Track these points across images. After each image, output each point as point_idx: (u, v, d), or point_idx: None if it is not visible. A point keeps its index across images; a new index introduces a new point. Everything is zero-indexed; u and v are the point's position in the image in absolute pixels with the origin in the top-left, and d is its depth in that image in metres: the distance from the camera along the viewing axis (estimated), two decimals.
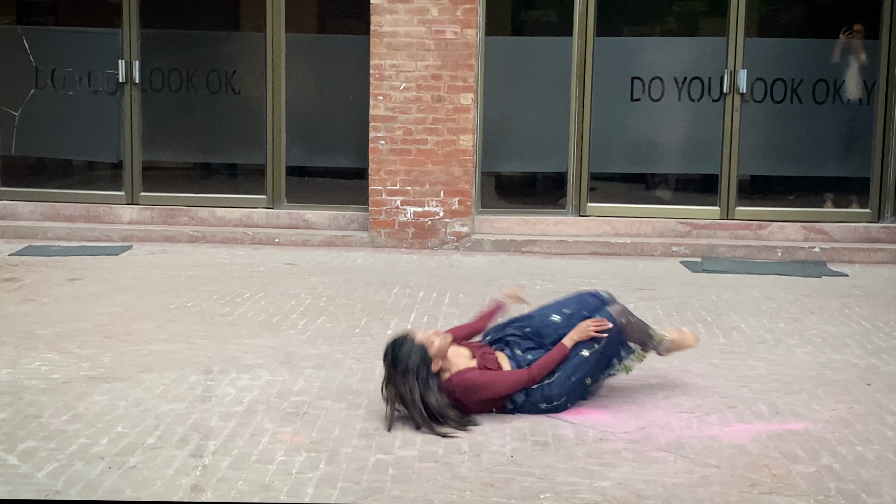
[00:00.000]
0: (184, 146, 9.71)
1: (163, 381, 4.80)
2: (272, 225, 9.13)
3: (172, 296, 6.67)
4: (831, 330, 6.09)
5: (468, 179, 8.85)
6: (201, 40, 9.51)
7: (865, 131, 8.96)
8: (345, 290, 6.99)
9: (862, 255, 8.54)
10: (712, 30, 9.51)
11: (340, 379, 4.89)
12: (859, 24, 9.00)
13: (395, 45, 8.76)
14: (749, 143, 9.01)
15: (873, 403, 4.69)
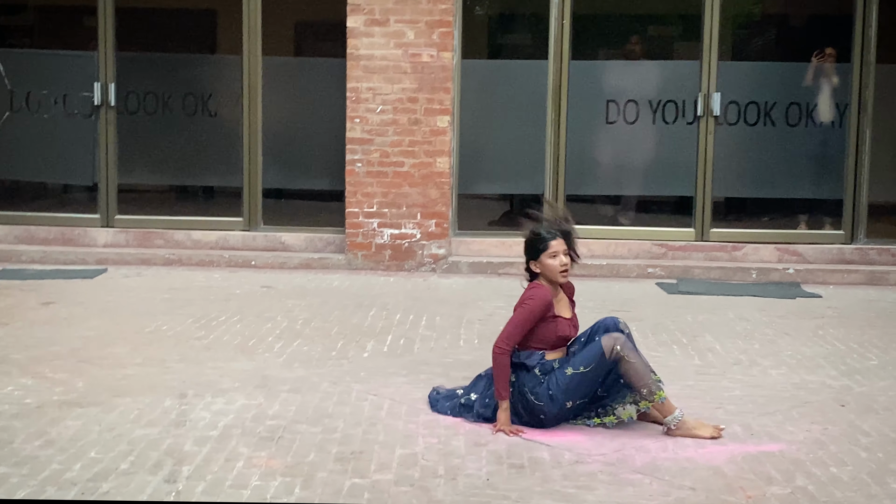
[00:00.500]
0: (159, 169, 9.69)
1: (137, 406, 4.77)
2: (248, 247, 9.11)
3: (147, 319, 6.64)
4: (805, 351, 6.13)
5: (445, 202, 8.87)
6: (177, 63, 9.51)
7: (838, 153, 9.05)
8: (321, 313, 6.98)
9: (836, 276, 8.61)
10: (686, 53, 9.60)
11: (316, 402, 4.88)
12: (831, 48, 9.11)
13: (372, 68, 8.79)
14: (723, 165, 9.08)
15: (847, 424, 4.71)
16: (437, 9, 8.71)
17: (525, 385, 4.60)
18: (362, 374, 5.42)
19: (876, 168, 8.98)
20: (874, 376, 5.57)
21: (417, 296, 7.79)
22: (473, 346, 6.18)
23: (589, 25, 9.61)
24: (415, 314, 7.04)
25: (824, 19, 10.47)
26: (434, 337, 6.37)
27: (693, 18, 9.17)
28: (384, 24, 8.76)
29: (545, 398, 4.54)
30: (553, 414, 4.55)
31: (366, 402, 4.89)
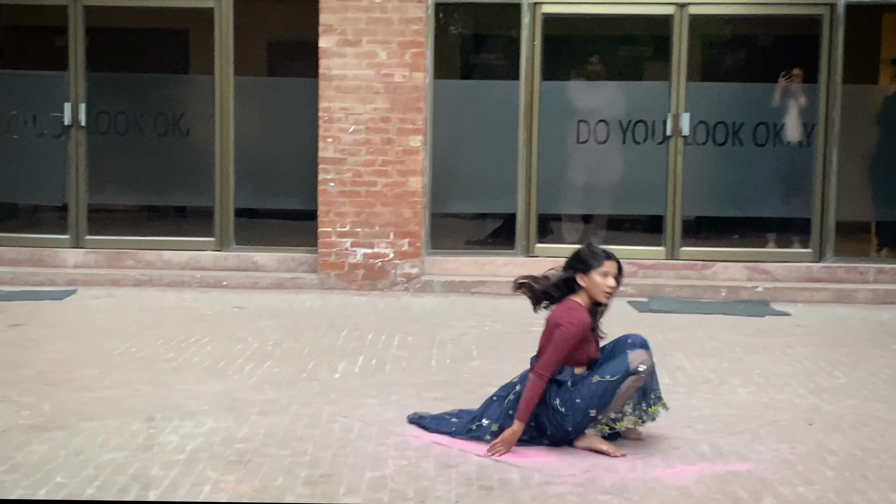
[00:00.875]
0: (130, 189, 9.65)
1: (104, 430, 4.73)
2: (220, 267, 9.07)
3: (116, 341, 6.60)
4: (774, 369, 6.18)
5: (418, 221, 8.89)
6: (149, 83, 9.50)
7: (805, 173, 9.14)
8: (293, 334, 6.96)
9: (804, 294, 8.69)
10: (655, 74, 9.70)
11: (286, 425, 4.86)
12: (798, 69, 9.22)
13: (344, 88, 8.81)
14: (693, 184, 9.15)
15: (815, 443, 4.75)
16: (409, 30, 8.75)
17: (555, 398, 4.59)
18: (333, 395, 5.41)
19: (843, 187, 9.08)
20: (841, 395, 5.62)
21: (390, 315, 7.79)
22: (445, 366, 6.18)
23: (560, 46, 9.69)
24: (387, 334, 7.04)
25: (791, 40, 10.64)
26: (406, 357, 6.37)
27: (662, 40, 9.27)
28: (356, 44, 8.79)
29: (572, 406, 4.55)
30: (577, 422, 4.55)
31: (336, 424, 4.88)
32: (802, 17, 9.33)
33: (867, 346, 6.95)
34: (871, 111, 9.35)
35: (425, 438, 4.70)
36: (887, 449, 4.66)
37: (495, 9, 9.72)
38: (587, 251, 4.74)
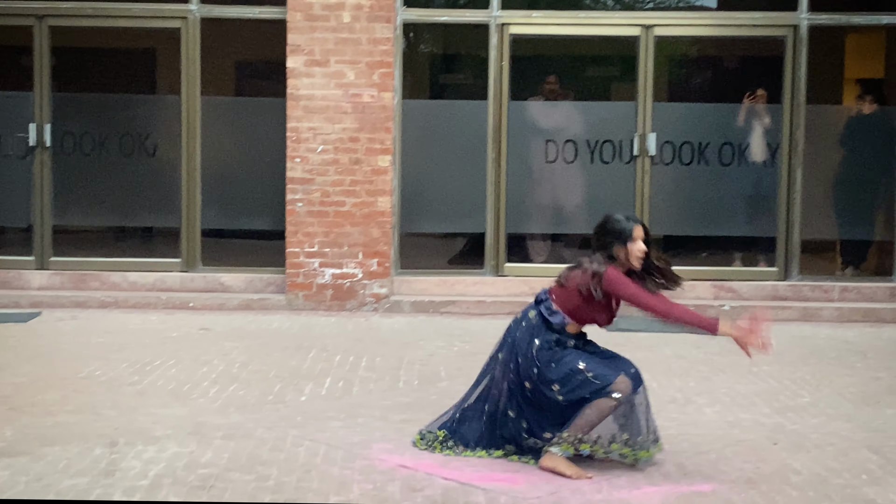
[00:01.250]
0: (96, 210, 9.57)
1: (66, 455, 4.68)
2: (187, 289, 9.01)
3: (80, 364, 6.53)
4: (740, 388, 6.21)
5: (386, 241, 8.88)
6: (115, 103, 9.44)
7: (770, 192, 9.23)
8: (259, 356, 6.92)
9: (770, 312, 8.71)
10: (622, 95, 9.78)
11: (250, 449, 4.82)
12: (762, 90, 9.31)
13: (312, 108, 8.80)
14: (659, 203, 9.21)
15: (779, 463, 4.77)
16: (377, 50, 8.77)
17: (537, 337, 4.64)
18: (299, 418, 5.38)
19: (808, 206, 9.17)
20: (806, 413, 5.66)
21: (359, 336, 7.77)
22: (413, 387, 6.17)
23: (527, 67, 9.74)
24: (355, 355, 7.01)
25: (756, 61, 10.75)
26: (374, 379, 6.35)
27: (629, 60, 9.35)
28: (324, 64, 8.79)
29: (544, 365, 4.60)
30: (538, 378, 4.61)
31: (301, 448, 4.85)
32: (766, 39, 9.43)
33: (832, 364, 7.00)
34: (835, 131, 9.45)
35: (391, 461, 4.68)
36: (851, 468, 4.69)
37: (463, 29, 9.77)
38: (617, 223, 4.69)
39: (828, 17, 9.15)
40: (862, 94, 9.74)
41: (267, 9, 9.11)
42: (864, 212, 9.50)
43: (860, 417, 5.59)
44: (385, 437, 5.04)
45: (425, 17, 9.41)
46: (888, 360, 7.17)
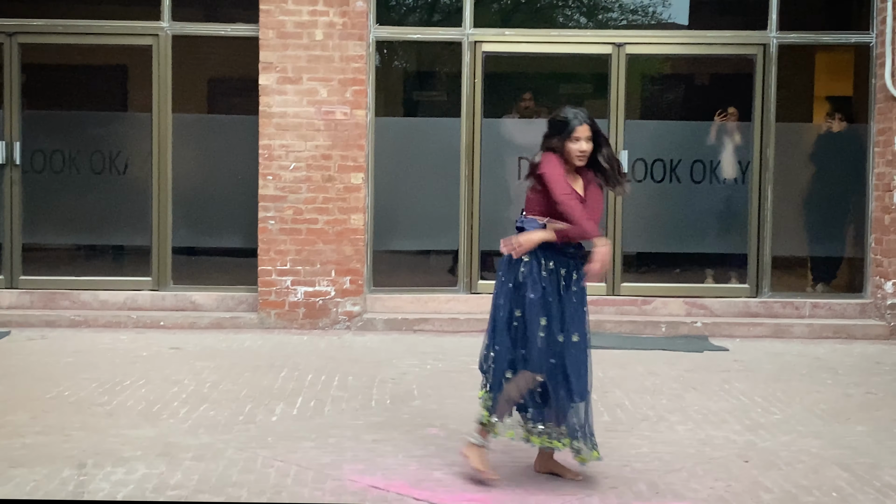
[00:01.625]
0: (66, 228, 9.50)
1: (34, 477, 4.62)
2: (157, 308, 8.95)
3: (49, 384, 6.46)
4: (711, 406, 6.23)
5: (359, 258, 8.86)
6: (85, 121, 9.39)
7: (741, 209, 9.29)
8: (230, 375, 6.87)
9: (742, 329, 8.80)
10: (594, 112, 9.71)
11: (220, 470, 4.78)
12: (733, 107, 9.39)
13: (285, 126, 8.78)
14: (632, 220, 9.25)
15: (750, 481, 4.78)
16: (349, 67, 8.77)
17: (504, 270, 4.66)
18: (270, 438, 5.34)
19: (778, 223, 9.24)
20: (777, 431, 5.67)
21: (331, 355, 7.73)
22: (385, 406, 6.14)
23: (500, 84, 9.77)
24: (327, 374, 6.98)
25: (726, 79, 10.84)
26: (346, 398, 6.32)
27: (601, 78, 9.39)
28: (297, 81, 8.78)
29: (497, 282, 4.66)
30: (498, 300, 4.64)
31: (272, 469, 4.81)
32: (736, 57, 9.51)
33: (803, 381, 7.04)
34: (805, 148, 9.54)
35: (362, 482, 4.65)
36: (821, 486, 4.71)
37: (436, 47, 9.79)
38: (560, 118, 4.65)
39: (797, 36, 9.25)
40: (831, 112, 9.84)
41: (239, 26, 9.10)
42: (834, 229, 9.58)
43: (831, 434, 5.61)
44: (356, 458, 5.01)
45: (398, 35, 9.43)
46: (859, 377, 7.21)
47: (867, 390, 6.77)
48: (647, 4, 9.97)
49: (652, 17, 10.03)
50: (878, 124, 8.99)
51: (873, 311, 9.00)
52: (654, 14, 10.02)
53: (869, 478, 4.83)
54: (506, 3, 10.26)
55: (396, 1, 10.29)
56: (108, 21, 9.16)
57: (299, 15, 8.74)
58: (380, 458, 5.00)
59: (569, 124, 4.60)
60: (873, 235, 9.05)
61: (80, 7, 9.69)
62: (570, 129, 4.59)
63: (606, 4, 10.09)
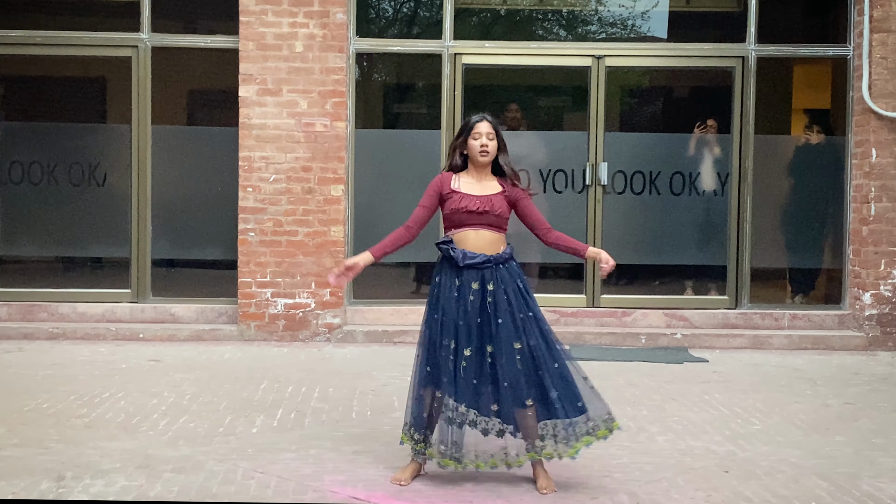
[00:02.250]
0: (44, 240, 9.43)
1: (11, 490, 4.58)
2: (137, 320, 8.91)
3: (26, 397, 6.40)
4: (691, 416, 6.24)
5: None
6: (64, 132, 9.33)
7: (721, 221, 9.33)
8: (210, 387, 6.84)
9: (721, 340, 8.83)
10: (574, 124, 9.86)
11: (200, 482, 4.75)
12: (712, 120, 9.45)
13: (265, 138, 8.77)
14: (612, 232, 9.28)
15: (730, 491, 4.79)
16: (329, 79, 8.77)
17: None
18: (250, 450, 5.31)
19: (757, 235, 9.29)
20: (757, 441, 5.69)
21: (311, 367, 7.71)
22: (366, 418, 6.12)
23: (480, 96, 9.80)
24: (307, 386, 6.95)
25: (705, 92, 10.91)
26: (326, 409, 6.30)
27: (580, 90, 9.44)
28: (277, 93, 8.77)
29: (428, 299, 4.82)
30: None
31: (252, 481, 4.79)
32: (715, 70, 9.57)
33: (782, 392, 7.07)
34: (784, 160, 9.60)
35: (343, 493, 4.63)
36: (801, 496, 4.72)
37: (416, 59, 9.80)
38: (466, 120, 4.90)
39: (775, 49, 9.33)
40: (810, 124, 9.92)
41: (219, 38, 9.09)
42: (813, 240, 9.63)
43: (810, 445, 5.63)
44: (337, 469, 4.99)
45: (378, 47, 9.44)
46: (837, 388, 7.25)
47: (846, 401, 6.81)
48: (627, 17, 10.03)
49: (631, 30, 10.09)
50: (856, 136, 9.06)
51: (852, 322, 9.06)
52: (634, 27, 10.08)
53: (848, 487, 4.85)
54: (486, 16, 10.29)
55: (376, 13, 10.31)
56: (88, 32, 9.12)
57: (279, 27, 8.74)
58: (360, 469, 4.99)
59: (470, 121, 4.84)
60: (851, 247, 9.12)
61: (59, 18, 9.65)
62: (471, 126, 4.81)
63: (586, 17, 10.14)
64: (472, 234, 4.75)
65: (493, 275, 4.70)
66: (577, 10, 10.12)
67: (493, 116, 4.85)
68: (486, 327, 4.66)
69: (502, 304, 4.66)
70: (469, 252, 4.72)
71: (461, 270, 4.70)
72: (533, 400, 4.64)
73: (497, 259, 4.72)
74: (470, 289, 4.68)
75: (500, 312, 4.65)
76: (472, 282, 4.69)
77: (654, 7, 9.97)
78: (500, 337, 4.62)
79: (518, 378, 4.61)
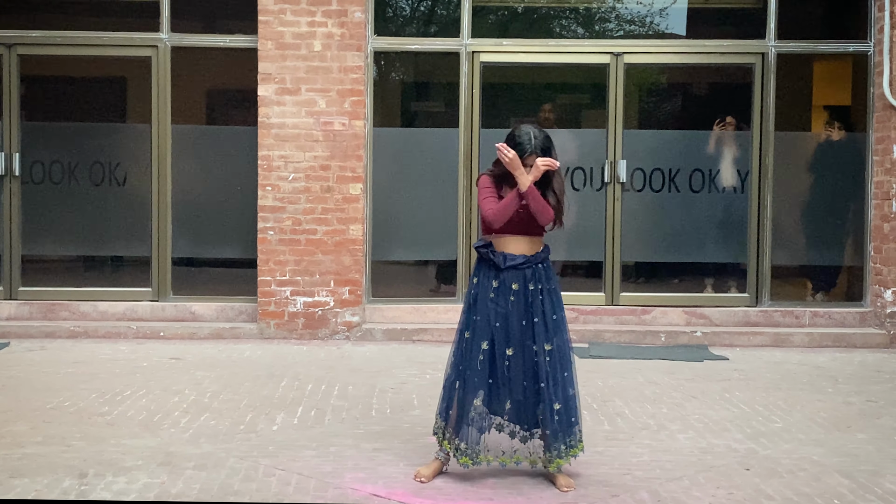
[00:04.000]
0: (66, 239, 9.48)
1: (35, 487, 4.61)
2: (157, 318, 8.95)
3: (49, 395, 6.45)
4: (712, 414, 6.22)
5: (358, 269, 8.86)
6: (85, 132, 9.39)
7: (741, 218, 9.30)
8: (231, 385, 6.87)
9: (742, 338, 8.80)
10: (593, 122, 9.83)
11: (222, 479, 4.77)
12: (732, 117, 9.41)
13: (284, 136, 8.79)
14: (631, 230, 9.26)
15: (752, 489, 4.78)
16: (348, 78, 8.78)
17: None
18: (271, 448, 5.33)
19: (778, 232, 9.24)
20: (778, 439, 5.67)
21: (331, 365, 7.72)
22: (385, 415, 6.13)
23: (498, 94, 9.79)
24: (327, 384, 6.97)
25: (725, 89, 10.86)
26: (346, 407, 6.31)
27: (599, 88, 9.41)
28: (295, 92, 8.79)
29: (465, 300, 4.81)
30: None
31: (273, 478, 4.81)
32: (735, 66, 9.53)
33: (803, 389, 7.03)
34: (804, 157, 9.55)
35: (364, 491, 4.64)
36: (822, 493, 4.70)
37: (434, 57, 9.80)
38: (515, 137, 4.83)
39: (795, 45, 9.28)
40: (830, 121, 9.85)
41: (238, 37, 9.12)
42: (833, 237, 9.58)
43: (832, 442, 5.61)
44: (358, 466, 5.00)
45: (396, 46, 9.45)
46: (859, 385, 7.21)
47: (868, 398, 6.77)
48: (645, 14, 10.01)
49: (649, 27, 10.06)
50: (877, 133, 9.01)
51: (873, 320, 9.01)
52: (652, 24, 10.05)
53: (871, 485, 4.83)
54: (503, 14, 10.28)
55: (394, 12, 10.31)
56: (108, 32, 9.17)
57: (298, 26, 8.77)
58: (381, 466, 5.00)
59: (520, 147, 4.76)
60: (872, 244, 9.06)
61: (80, 18, 9.70)
62: (521, 154, 4.73)
63: (604, 14, 10.11)
64: (512, 240, 4.77)
65: (534, 275, 4.72)
66: (595, 8, 10.09)
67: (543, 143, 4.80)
68: (528, 327, 4.69)
69: (550, 302, 4.73)
70: (509, 254, 4.74)
71: (500, 272, 4.72)
72: (560, 403, 4.66)
73: (535, 259, 4.75)
74: (511, 289, 4.70)
75: (536, 312, 4.69)
76: (512, 283, 4.72)
77: (673, 4, 9.94)
78: (538, 336, 4.66)
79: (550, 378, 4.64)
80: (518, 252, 4.76)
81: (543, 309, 4.71)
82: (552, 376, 4.67)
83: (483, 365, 4.68)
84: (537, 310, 4.70)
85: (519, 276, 4.73)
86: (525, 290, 4.71)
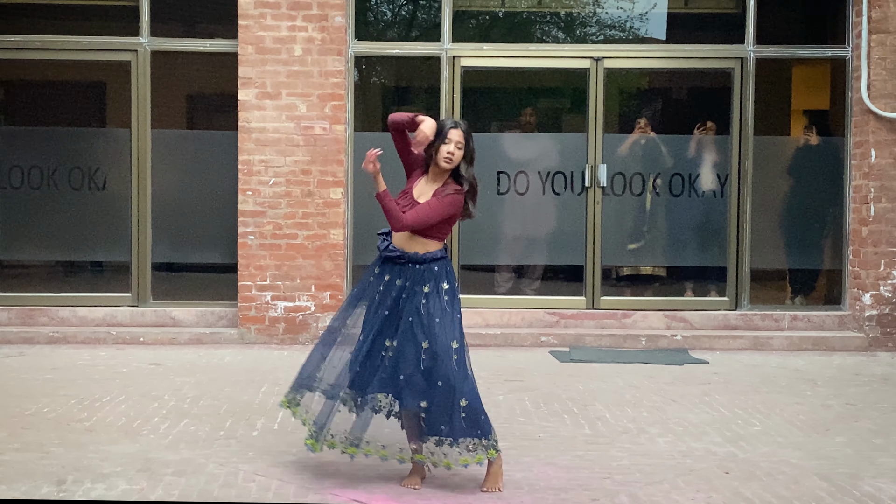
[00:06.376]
0: (44, 244, 9.43)
1: (12, 494, 4.58)
2: (137, 323, 8.91)
3: (27, 401, 6.41)
4: (692, 418, 6.24)
5: (339, 273, 8.85)
6: (64, 137, 9.34)
7: (720, 222, 9.34)
8: (210, 390, 6.84)
9: (721, 342, 8.83)
10: (573, 126, 9.86)
11: (201, 485, 4.75)
12: (711, 121, 9.45)
13: (264, 141, 8.78)
14: (611, 234, 9.28)
15: (731, 492, 4.79)
16: (328, 82, 8.78)
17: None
18: (251, 453, 5.31)
19: (757, 236, 9.29)
20: (757, 442, 5.70)
21: None
22: None
23: (479, 99, 9.81)
24: None
25: (704, 93, 10.92)
26: None
27: (579, 92, 9.44)
28: (276, 97, 8.78)
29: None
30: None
31: (253, 484, 4.79)
32: (714, 71, 9.58)
33: (782, 393, 7.07)
34: (783, 161, 9.60)
35: (344, 496, 4.64)
36: (801, 496, 4.73)
37: (415, 62, 9.81)
38: (440, 123, 4.87)
39: (774, 50, 9.33)
40: (809, 125, 9.92)
41: (218, 42, 9.10)
42: (812, 241, 9.63)
43: (810, 445, 5.64)
44: (338, 472, 4.99)
45: (377, 50, 9.45)
46: (837, 388, 7.25)
47: (846, 401, 6.81)
48: (625, 19, 10.05)
49: (629, 32, 10.11)
50: (855, 137, 9.07)
51: (852, 323, 9.07)
52: (632, 29, 10.09)
53: (849, 488, 4.86)
54: (484, 19, 10.30)
55: (375, 16, 10.32)
56: (87, 37, 9.14)
57: (278, 30, 8.76)
58: (361, 472, 4.99)
59: (443, 126, 4.84)
60: (851, 247, 9.12)
61: (58, 23, 9.67)
62: (445, 132, 4.81)
63: (584, 19, 10.15)
64: (398, 234, 4.86)
65: (414, 273, 4.78)
66: (575, 13, 10.13)
67: (466, 125, 4.87)
68: (392, 320, 4.76)
69: (438, 301, 4.73)
70: (392, 245, 4.85)
71: (390, 267, 4.85)
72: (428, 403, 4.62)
73: (414, 258, 4.77)
74: (395, 285, 4.79)
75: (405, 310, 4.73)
76: (396, 279, 4.82)
77: (653, 9, 9.99)
78: (404, 332, 4.69)
79: (414, 376, 4.63)
80: (398, 245, 4.85)
81: (428, 308, 4.70)
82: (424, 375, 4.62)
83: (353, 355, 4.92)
84: (415, 309, 4.69)
85: (395, 269, 4.82)
86: (406, 288, 4.76)
